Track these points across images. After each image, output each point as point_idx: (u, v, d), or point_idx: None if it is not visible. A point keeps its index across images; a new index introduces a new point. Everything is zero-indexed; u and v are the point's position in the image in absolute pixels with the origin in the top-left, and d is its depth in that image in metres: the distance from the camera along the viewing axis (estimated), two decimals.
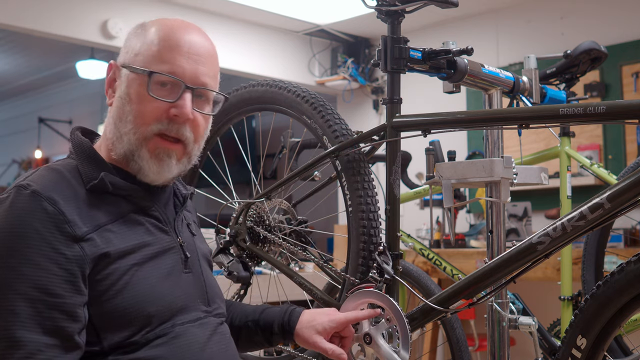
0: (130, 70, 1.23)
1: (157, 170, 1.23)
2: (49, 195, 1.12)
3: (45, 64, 7.20)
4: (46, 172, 1.19)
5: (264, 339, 1.47)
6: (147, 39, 1.25)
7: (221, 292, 1.38)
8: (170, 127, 1.23)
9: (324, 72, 5.51)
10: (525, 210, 3.75)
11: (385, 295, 1.44)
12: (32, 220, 1.09)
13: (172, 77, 1.22)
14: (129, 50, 1.26)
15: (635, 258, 1.21)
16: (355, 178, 1.54)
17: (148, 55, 1.23)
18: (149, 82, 1.21)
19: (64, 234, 1.10)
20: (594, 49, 2.33)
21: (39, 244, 1.08)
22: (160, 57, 1.22)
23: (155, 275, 1.19)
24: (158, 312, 1.17)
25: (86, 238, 1.12)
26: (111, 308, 1.13)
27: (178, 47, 1.23)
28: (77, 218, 1.13)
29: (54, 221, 1.10)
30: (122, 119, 1.23)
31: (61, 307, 1.07)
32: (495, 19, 4.77)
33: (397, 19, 1.53)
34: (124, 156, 1.24)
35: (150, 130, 1.22)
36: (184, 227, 1.34)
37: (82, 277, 1.11)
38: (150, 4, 4.54)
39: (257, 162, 2.01)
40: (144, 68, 1.22)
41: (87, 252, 1.11)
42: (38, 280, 1.06)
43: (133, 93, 1.22)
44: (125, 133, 1.22)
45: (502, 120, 1.42)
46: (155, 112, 1.22)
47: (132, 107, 1.22)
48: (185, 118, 1.23)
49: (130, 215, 1.21)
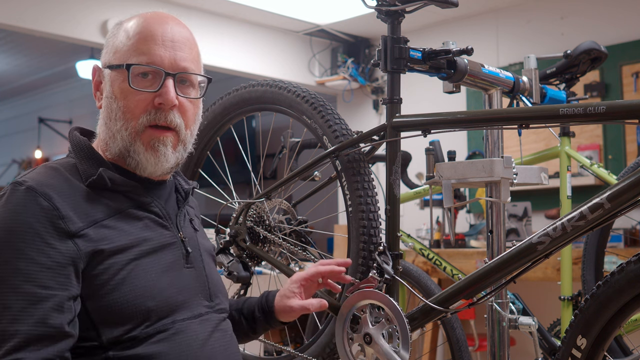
0: (111, 68, 1.25)
1: (155, 161, 1.24)
2: (43, 190, 1.13)
3: (45, 64, 7.19)
4: (43, 170, 1.20)
5: (248, 327, 1.50)
6: (123, 35, 1.26)
7: (224, 288, 1.39)
8: (158, 116, 1.23)
9: (324, 72, 5.51)
10: (525, 210, 3.75)
11: (385, 295, 1.44)
12: (27, 216, 1.11)
13: (151, 67, 1.23)
14: (108, 50, 1.28)
15: (635, 258, 1.21)
16: (355, 178, 1.54)
17: (125, 50, 1.24)
18: (129, 75, 1.22)
19: (58, 229, 1.11)
20: (594, 49, 2.33)
21: (33, 238, 1.09)
22: (136, 49, 1.23)
23: (155, 270, 1.20)
24: (157, 307, 1.17)
25: (80, 234, 1.13)
26: (109, 302, 1.13)
27: (153, 37, 1.24)
28: (72, 214, 1.14)
29: (48, 216, 1.11)
30: (112, 118, 1.24)
31: (52, 299, 1.09)
32: (495, 19, 4.77)
33: (397, 19, 1.53)
34: (120, 154, 1.25)
35: (141, 123, 1.23)
36: (186, 222, 1.34)
37: (75, 271, 1.12)
38: (150, 4, 4.53)
39: (257, 162, 2.01)
40: (122, 63, 1.23)
41: (80, 247, 1.12)
42: (30, 274, 1.08)
43: (117, 90, 1.24)
44: (117, 131, 1.23)
45: (502, 120, 1.42)
46: (141, 104, 1.23)
47: (118, 104, 1.23)
48: (171, 105, 1.24)
49: (129, 210, 1.22)
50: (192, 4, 4.67)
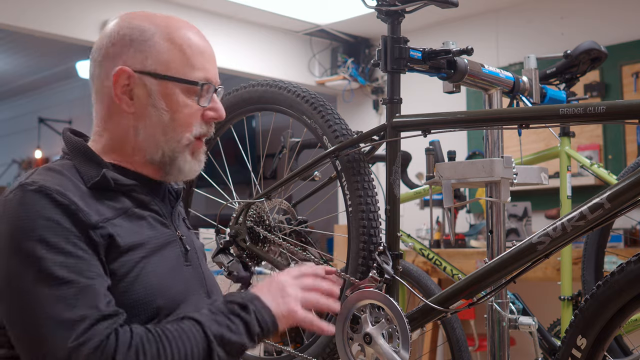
0: (158, 77, 1.24)
1: (196, 169, 1.31)
2: (56, 188, 1.13)
3: (45, 64, 7.19)
4: (46, 172, 1.19)
5: None
6: (165, 44, 1.25)
7: (218, 285, 1.40)
8: (208, 130, 1.30)
9: (324, 72, 5.50)
10: (525, 210, 3.75)
11: (385, 295, 1.44)
12: (47, 212, 1.10)
13: (208, 84, 1.27)
14: (147, 57, 1.24)
15: (635, 258, 1.21)
16: (355, 178, 1.54)
17: (178, 63, 1.25)
18: (190, 91, 1.26)
19: (78, 222, 1.11)
20: (594, 49, 2.33)
21: (60, 231, 1.09)
22: (191, 64, 1.26)
23: (162, 267, 1.21)
24: (165, 304, 1.18)
25: (100, 225, 1.13)
26: (123, 301, 1.13)
27: (202, 52, 1.28)
28: (86, 209, 1.14)
29: (67, 211, 1.11)
30: (158, 128, 1.25)
31: (96, 285, 1.09)
32: (495, 19, 4.77)
33: (397, 19, 1.53)
34: (157, 161, 1.27)
35: (192, 135, 1.27)
36: (180, 221, 1.36)
37: (101, 261, 1.12)
38: (150, 4, 4.53)
39: (257, 162, 2.01)
40: (182, 77, 1.25)
41: (101, 238, 1.13)
42: (71, 265, 1.08)
43: (169, 102, 1.25)
44: (164, 141, 1.25)
45: (502, 120, 1.42)
46: (193, 118, 1.27)
47: (172, 116, 1.25)
48: (222, 118, 1.31)
49: (133, 210, 1.22)
50: (192, 4, 4.67)
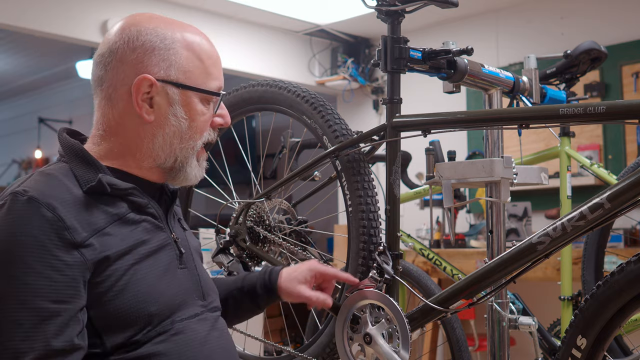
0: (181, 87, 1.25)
1: (200, 175, 1.33)
2: (47, 201, 1.11)
3: (45, 64, 7.18)
4: (41, 177, 1.17)
5: (250, 303, 1.51)
6: (187, 54, 1.26)
7: (214, 286, 1.39)
8: (215, 136, 1.33)
9: (324, 72, 5.50)
10: (525, 210, 3.76)
11: (385, 295, 1.44)
12: (31, 228, 1.08)
13: (222, 93, 1.31)
14: (170, 66, 1.24)
15: (635, 258, 1.21)
16: (355, 178, 1.54)
17: (199, 73, 1.27)
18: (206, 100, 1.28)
19: (64, 240, 1.10)
20: (594, 49, 2.33)
21: (40, 251, 1.07)
22: (209, 74, 1.28)
23: (154, 273, 1.19)
24: (159, 311, 1.17)
25: (86, 244, 1.12)
26: (113, 309, 1.13)
27: (215, 61, 1.31)
28: (75, 223, 1.12)
29: (54, 228, 1.09)
30: (177, 135, 1.26)
31: (63, 313, 1.08)
32: (495, 19, 4.77)
33: (397, 19, 1.53)
34: (167, 167, 1.28)
35: (201, 142, 1.30)
36: (175, 222, 1.35)
37: (83, 282, 1.11)
38: (150, 4, 4.53)
39: (257, 162, 2.01)
40: (202, 87, 1.27)
41: (87, 257, 1.11)
42: (40, 289, 1.07)
43: (190, 110, 1.27)
44: (180, 148, 1.27)
45: (502, 120, 1.42)
46: (205, 125, 1.30)
47: (190, 124, 1.27)
48: (228, 125, 1.35)
49: (128, 215, 1.21)
50: (192, 4, 4.66)
